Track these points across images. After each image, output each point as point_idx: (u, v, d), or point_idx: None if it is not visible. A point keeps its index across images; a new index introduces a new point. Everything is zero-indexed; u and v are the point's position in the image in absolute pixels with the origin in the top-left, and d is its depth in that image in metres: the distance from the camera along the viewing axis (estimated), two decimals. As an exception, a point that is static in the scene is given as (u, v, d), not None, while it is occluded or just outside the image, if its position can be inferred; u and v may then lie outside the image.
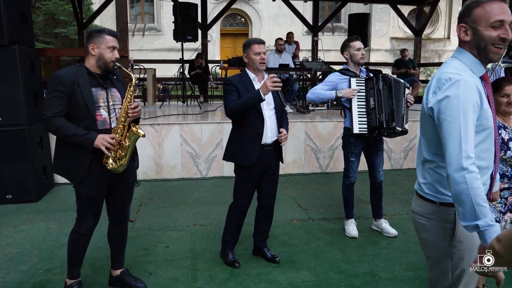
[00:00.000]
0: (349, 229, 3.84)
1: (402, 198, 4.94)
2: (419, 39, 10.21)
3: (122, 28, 5.40)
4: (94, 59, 2.51)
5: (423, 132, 1.75)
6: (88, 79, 2.49)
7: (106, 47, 2.49)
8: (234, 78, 3.02)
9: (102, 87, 2.54)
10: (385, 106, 3.52)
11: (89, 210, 2.60)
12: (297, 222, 4.15)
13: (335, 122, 6.08)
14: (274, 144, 3.08)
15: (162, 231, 3.89)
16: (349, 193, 3.88)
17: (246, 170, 3.04)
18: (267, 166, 3.10)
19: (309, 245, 3.61)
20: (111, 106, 2.55)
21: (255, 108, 2.91)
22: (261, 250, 3.34)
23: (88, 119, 2.46)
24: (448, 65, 1.67)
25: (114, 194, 2.71)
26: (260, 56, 2.93)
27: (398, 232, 3.84)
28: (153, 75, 9.03)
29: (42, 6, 16.12)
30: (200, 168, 5.76)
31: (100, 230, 2.99)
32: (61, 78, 2.42)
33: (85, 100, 2.43)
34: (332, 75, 3.78)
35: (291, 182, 5.56)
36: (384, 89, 3.52)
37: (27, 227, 3.96)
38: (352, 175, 3.80)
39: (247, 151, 2.97)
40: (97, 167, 2.50)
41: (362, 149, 3.76)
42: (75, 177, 2.51)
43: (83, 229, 2.63)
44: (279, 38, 7.54)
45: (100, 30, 2.54)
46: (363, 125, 3.61)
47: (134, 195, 4.88)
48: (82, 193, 2.54)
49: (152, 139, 5.60)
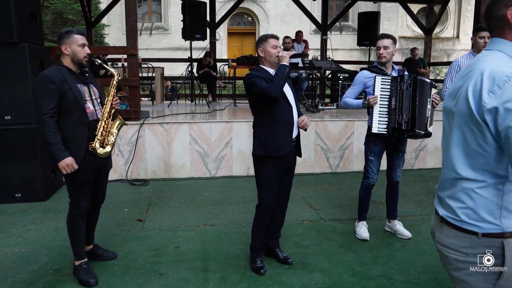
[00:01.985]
0: (360, 231, 3.77)
1: (414, 199, 4.85)
2: (429, 38, 10.08)
3: (131, 26, 5.36)
4: (69, 58, 2.78)
5: (459, 142, 1.40)
6: (72, 76, 2.77)
7: (77, 45, 2.76)
8: (254, 72, 2.94)
9: (84, 83, 2.84)
10: (405, 108, 3.40)
11: (83, 193, 2.89)
12: (309, 223, 4.08)
13: (345, 121, 6.01)
14: (297, 139, 3.07)
15: (172, 231, 3.85)
16: (366, 195, 3.78)
17: (277, 163, 2.95)
18: (290, 162, 3.09)
19: (321, 246, 3.55)
20: (94, 100, 2.88)
21: (282, 96, 2.89)
22: (273, 251, 3.28)
23: (78, 112, 2.74)
24: (495, 58, 1.36)
25: (96, 180, 3.02)
26: (277, 50, 2.92)
27: (412, 234, 3.76)
28: (161, 74, 9.01)
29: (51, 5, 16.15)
30: (209, 167, 5.71)
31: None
32: (50, 77, 2.66)
33: (74, 95, 2.71)
34: (360, 74, 3.68)
35: (301, 182, 5.50)
36: (407, 90, 3.40)
37: (36, 226, 3.93)
38: (371, 176, 3.68)
39: (282, 142, 2.91)
40: (88, 154, 2.80)
41: (382, 148, 3.66)
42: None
43: (80, 209, 2.90)
44: (286, 37, 7.45)
45: (68, 31, 2.79)
46: (382, 125, 3.52)
47: (143, 195, 4.96)
48: (80, 179, 2.81)
49: (161, 138, 5.56)
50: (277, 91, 2.78)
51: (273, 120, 2.90)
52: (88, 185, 2.90)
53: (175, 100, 8.82)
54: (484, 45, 3.91)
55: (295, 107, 3.00)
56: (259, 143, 2.97)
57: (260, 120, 2.99)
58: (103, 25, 18.18)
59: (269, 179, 2.98)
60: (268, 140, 2.93)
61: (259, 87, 2.80)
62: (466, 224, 1.39)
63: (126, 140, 5.48)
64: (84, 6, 9.03)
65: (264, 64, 2.98)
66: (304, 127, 3.01)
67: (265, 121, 2.95)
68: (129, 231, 3.84)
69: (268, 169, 2.97)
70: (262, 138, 2.96)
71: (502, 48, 1.38)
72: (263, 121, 2.96)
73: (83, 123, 2.78)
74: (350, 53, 22.42)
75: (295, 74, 7.11)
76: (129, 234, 3.77)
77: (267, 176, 2.98)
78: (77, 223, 2.92)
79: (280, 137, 2.91)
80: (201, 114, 6.59)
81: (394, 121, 3.45)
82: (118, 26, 21.25)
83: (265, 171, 2.98)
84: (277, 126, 2.90)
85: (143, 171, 5.58)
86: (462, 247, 1.41)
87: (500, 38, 1.39)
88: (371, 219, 4.13)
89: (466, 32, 23.51)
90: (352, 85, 3.71)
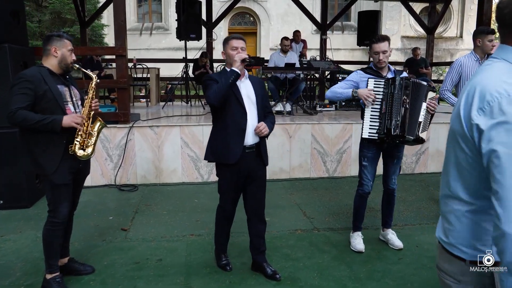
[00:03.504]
0: (355, 243, 3.55)
1: (414, 206, 4.63)
2: (431, 37, 9.83)
3: (119, 26, 5.17)
4: (56, 60, 2.75)
5: (452, 159, 1.29)
6: (52, 78, 2.71)
7: (67, 50, 2.77)
8: (214, 74, 2.93)
9: (65, 85, 2.79)
10: (395, 112, 3.19)
11: (64, 197, 2.76)
12: (301, 233, 3.87)
13: (343, 124, 5.79)
14: (257, 146, 2.90)
15: (156, 241, 3.65)
16: (361, 204, 3.56)
17: (228, 170, 2.86)
18: (251, 170, 2.90)
19: (313, 259, 3.34)
20: (74, 102, 2.83)
21: (236, 100, 2.78)
22: (260, 265, 3.08)
23: (57, 113, 2.65)
24: (495, 70, 1.22)
25: (75, 183, 2.90)
26: (237, 51, 2.81)
27: (410, 245, 3.56)
28: (156, 74, 8.81)
29: (49, 5, 16.01)
30: (202, 172, 5.51)
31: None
32: (28, 76, 2.61)
33: (54, 95, 2.65)
34: (354, 73, 3.48)
35: (296, 188, 5.29)
36: (398, 93, 3.19)
37: (15, 236, 3.74)
38: (365, 183, 3.47)
39: (231, 148, 2.80)
40: (66, 157, 2.71)
41: (376, 153, 3.45)
42: (49, 168, 2.67)
43: (59, 217, 2.76)
44: (284, 38, 7.23)
45: (60, 35, 2.78)
46: (373, 130, 3.32)
47: (130, 201, 4.75)
48: (58, 181, 2.69)
49: (151, 141, 5.37)
50: (216, 99, 2.70)
51: (223, 125, 2.83)
52: (68, 188, 2.79)
53: (171, 102, 8.62)
54: (492, 48, 3.81)
55: (253, 112, 2.86)
56: (210, 148, 2.93)
57: (213, 124, 2.95)
58: (102, 25, 17.99)
59: (225, 185, 2.94)
60: (217, 146, 2.87)
61: (206, 91, 2.77)
62: (455, 249, 1.29)
63: (115, 144, 5.28)
64: (77, 6, 8.84)
65: (227, 66, 2.89)
66: (259, 134, 2.84)
67: (216, 126, 2.91)
68: (111, 241, 3.64)
69: (223, 175, 2.92)
70: (212, 144, 2.92)
71: (508, 57, 1.23)
72: (215, 125, 2.92)
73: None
74: (352, 53, 22.15)
75: (292, 75, 6.90)
76: (111, 245, 3.57)
77: (223, 182, 2.95)
78: (56, 232, 2.79)
79: (229, 144, 2.80)
80: (196, 116, 6.39)
81: (383, 126, 3.24)
82: (118, 26, 21.08)
83: (220, 177, 2.95)
84: (227, 132, 2.81)
85: (132, 176, 5.38)
86: (454, 273, 1.31)
87: (509, 46, 1.24)
88: (367, 229, 3.91)
89: (469, 31, 23.20)
90: (344, 80, 3.49)
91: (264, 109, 2.95)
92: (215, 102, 2.71)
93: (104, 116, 5.31)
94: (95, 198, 4.79)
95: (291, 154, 5.71)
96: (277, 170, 5.69)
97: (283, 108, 6.64)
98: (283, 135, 5.65)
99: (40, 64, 2.76)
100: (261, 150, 2.93)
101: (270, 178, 5.63)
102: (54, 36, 2.77)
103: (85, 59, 8.19)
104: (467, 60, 3.97)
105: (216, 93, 2.69)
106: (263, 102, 2.94)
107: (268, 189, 5.17)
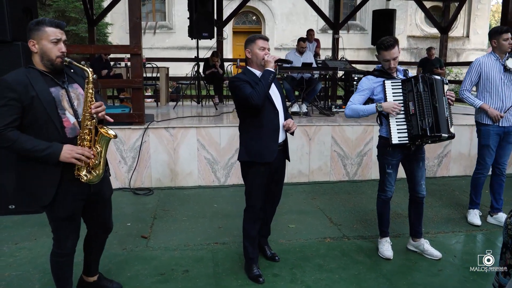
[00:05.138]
0: (383, 249, 3.38)
1: (443, 213, 4.44)
2: (445, 37, 9.65)
3: (134, 23, 4.97)
4: (38, 57, 2.16)
5: None
6: (43, 79, 2.13)
7: (48, 41, 2.12)
8: (239, 75, 2.88)
9: (60, 87, 2.19)
10: (427, 111, 3.03)
11: (69, 231, 2.32)
12: (331, 241, 3.68)
13: (364, 126, 5.61)
14: (284, 143, 3.00)
15: (180, 250, 3.46)
16: (384, 209, 3.41)
17: (263, 168, 2.88)
18: (278, 167, 3.01)
19: (348, 270, 3.15)
20: (76, 107, 2.21)
21: (268, 100, 2.81)
22: (262, 247, 3.29)
23: (50, 128, 2.11)
24: None
25: (91, 210, 2.44)
26: (265, 52, 2.82)
27: (447, 256, 3.37)
28: (166, 74, 8.63)
29: (53, 3, 15.83)
30: (218, 175, 5.32)
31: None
32: (10, 83, 2.05)
33: (42, 103, 2.08)
34: (365, 80, 3.27)
35: (318, 192, 5.10)
36: (425, 91, 3.03)
37: (30, 244, 3.56)
38: (388, 189, 3.33)
39: (268, 147, 2.84)
40: (69, 182, 2.19)
41: (400, 159, 3.29)
42: (44, 198, 2.17)
43: (64, 249, 2.35)
44: (301, 39, 7.00)
45: (39, 22, 2.15)
46: (403, 134, 3.13)
47: (147, 206, 4.55)
48: (59, 214, 2.23)
49: (166, 143, 5.18)
50: (260, 99, 2.69)
51: (259, 125, 2.83)
52: (73, 222, 2.31)
53: (181, 102, 8.44)
54: (509, 46, 3.74)
55: (282, 111, 2.94)
56: (245, 149, 2.90)
57: (245, 125, 2.92)
58: (106, 24, 17.81)
59: (256, 185, 2.91)
60: (254, 146, 2.86)
61: (242, 93, 2.72)
62: None
63: (129, 146, 5.09)
64: (86, 4, 8.66)
65: (251, 66, 2.89)
66: (289, 130, 2.91)
67: (250, 126, 2.88)
68: (132, 250, 3.46)
69: (255, 175, 2.90)
70: (247, 144, 2.89)
71: None
72: (248, 126, 2.89)
73: (57, 141, 2.13)
74: (358, 53, 21.95)
75: (308, 75, 6.71)
76: (132, 254, 3.39)
77: (255, 182, 2.91)
78: (64, 264, 2.40)
79: (266, 143, 2.84)
80: (208, 117, 6.21)
81: (417, 128, 3.05)
82: (122, 25, 20.84)
83: (252, 177, 2.92)
84: (262, 132, 2.83)
85: (147, 179, 5.20)
86: None
87: None
88: (399, 237, 3.74)
89: (476, 31, 23.02)
90: (357, 91, 3.29)
91: (285, 105, 3.03)
92: (259, 102, 2.70)
93: (118, 117, 5.13)
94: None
95: (310, 156, 5.52)
96: (296, 173, 5.50)
97: (300, 109, 6.45)
98: (303, 137, 5.46)
99: (30, 64, 2.20)
100: (287, 146, 3.03)
101: (289, 181, 5.48)
102: (31, 26, 2.15)
103: (94, 58, 8.00)
104: (486, 59, 3.87)
105: (260, 94, 2.69)
106: (284, 102, 3.02)
107: (289, 193, 5.07)
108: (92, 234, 2.59)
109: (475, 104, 3.89)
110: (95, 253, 2.67)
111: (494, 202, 4.11)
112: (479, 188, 4.12)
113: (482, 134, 3.97)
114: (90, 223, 2.55)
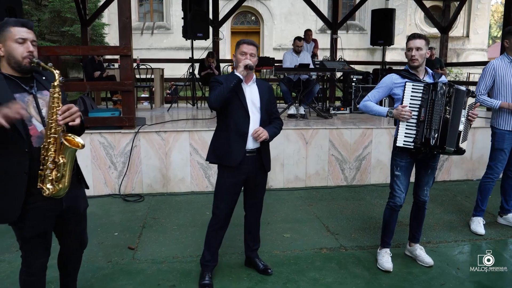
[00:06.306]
0: (382, 261, 3.22)
1: (444, 220, 4.26)
2: (446, 37, 9.46)
3: (124, 24, 4.80)
4: (5, 60, 2.00)
5: None
6: (7, 85, 1.95)
7: (13, 41, 1.97)
8: (221, 77, 2.89)
9: (27, 92, 2.02)
10: (435, 121, 2.90)
11: (37, 250, 2.15)
12: (327, 252, 3.50)
13: (363, 129, 5.42)
14: (258, 151, 2.88)
15: (168, 263, 3.28)
16: (391, 218, 3.25)
17: (229, 172, 2.85)
18: (250, 174, 2.89)
19: (345, 285, 2.96)
20: (44, 115, 2.02)
21: (240, 103, 2.77)
22: (252, 260, 3.18)
23: (14, 136, 1.91)
24: None
25: (64, 226, 2.25)
26: (245, 57, 2.78)
27: (450, 268, 3.20)
28: (160, 75, 8.44)
29: (48, 4, 15.65)
30: (212, 180, 5.14)
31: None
32: None
33: None
34: (387, 78, 3.18)
35: (315, 198, 4.92)
36: (439, 100, 2.89)
37: (10, 256, 3.37)
38: (397, 195, 3.15)
39: (232, 151, 2.80)
40: (36, 197, 2.00)
41: (410, 163, 3.14)
42: (9, 215, 1.99)
43: (34, 268, 2.18)
44: (297, 38, 6.82)
45: (3, 23, 2.00)
46: (409, 139, 2.99)
47: (136, 214, 4.35)
48: (27, 233, 2.05)
49: (158, 148, 5.00)
50: (217, 102, 2.70)
51: (225, 128, 2.83)
52: (43, 239, 2.13)
53: (176, 104, 8.25)
54: None
55: (257, 117, 2.84)
56: (212, 149, 2.93)
57: (217, 126, 2.94)
58: (103, 24, 17.62)
59: (223, 189, 2.88)
60: (219, 148, 2.87)
61: (210, 94, 2.76)
62: None
63: (119, 150, 4.91)
64: (78, 4, 8.46)
65: (236, 69, 2.83)
66: (256, 139, 2.79)
67: (219, 128, 2.91)
68: (117, 263, 3.27)
69: (223, 178, 2.89)
70: (214, 145, 2.92)
71: None
72: (218, 127, 2.92)
73: (21, 151, 1.95)
74: (357, 53, 21.79)
75: (306, 76, 6.53)
76: (117, 267, 3.20)
77: (222, 185, 2.89)
78: (30, 284, 2.21)
79: (230, 146, 2.81)
80: (203, 120, 6.03)
81: (421, 136, 2.93)
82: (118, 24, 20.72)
83: (218, 179, 2.93)
84: (229, 135, 2.81)
85: (138, 185, 5.01)
86: None
87: None
88: (399, 247, 3.56)
89: (476, 31, 22.86)
90: (376, 87, 3.24)
91: (270, 114, 2.94)
92: (216, 105, 2.72)
93: (107, 121, 4.95)
94: (98, 210, 4.41)
95: (307, 161, 5.34)
96: (292, 178, 5.32)
97: (297, 111, 6.27)
98: (299, 141, 5.27)
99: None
100: (262, 155, 2.91)
101: (285, 186, 5.30)
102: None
103: (86, 59, 7.81)
104: (500, 62, 3.77)
105: (217, 96, 2.69)
106: (268, 107, 2.91)
107: (284, 199, 4.89)
108: (65, 251, 2.39)
109: (494, 105, 3.76)
110: (72, 271, 2.48)
111: (505, 204, 4.11)
112: (487, 193, 3.97)
113: (496, 138, 3.87)
114: (63, 239, 2.35)
